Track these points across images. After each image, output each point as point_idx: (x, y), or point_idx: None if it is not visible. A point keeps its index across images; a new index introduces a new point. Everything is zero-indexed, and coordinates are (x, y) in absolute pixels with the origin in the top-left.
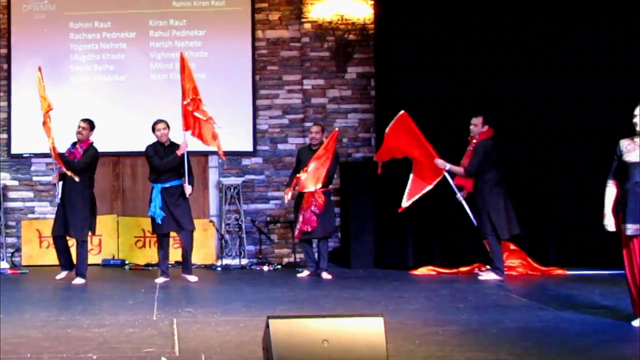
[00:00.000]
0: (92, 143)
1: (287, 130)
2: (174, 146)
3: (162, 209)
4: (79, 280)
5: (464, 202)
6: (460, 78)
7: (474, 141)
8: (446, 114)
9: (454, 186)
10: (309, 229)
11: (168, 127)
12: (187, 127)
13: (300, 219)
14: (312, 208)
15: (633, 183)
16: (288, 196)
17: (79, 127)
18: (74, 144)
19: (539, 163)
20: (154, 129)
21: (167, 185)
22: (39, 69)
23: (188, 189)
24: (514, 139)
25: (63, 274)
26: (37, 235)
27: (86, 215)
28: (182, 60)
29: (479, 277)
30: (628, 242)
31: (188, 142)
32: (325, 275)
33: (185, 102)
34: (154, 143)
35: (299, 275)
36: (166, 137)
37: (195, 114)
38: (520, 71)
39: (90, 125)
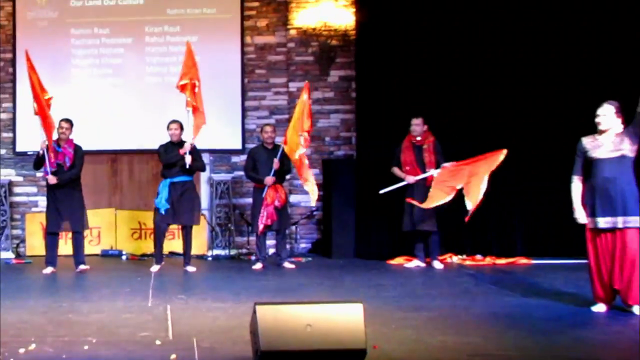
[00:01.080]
0: (73, 141)
1: (275, 129)
2: (183, 144)
3: (168, 201)
4: (83, 267)
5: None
6: (436, 81)
7: (429, 140)
8: (422, 115)
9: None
10: (270, 223)
11: (181, 127)
12: (188, 104)
13: (264, 214)
14: (276, 203)
15: (601, 179)
16: (270, 179)
17: (62, 127)
18: (57, 142)
19: (507, 160)
20: (168, 128)
21: (176, 180)
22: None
23: (188, 159)
24: (483, 136)
25: (50, 269)
26: (40, 227)
27: (83, 209)
28: (189, 49)
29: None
30: (593, 235)
31: (189, 143)
32: (288, 264)
33: (182, 83)
34: (166, 142)
35: (254, 267)
36: (177, 137)
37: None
38: (490, 72)
39: (71, 124)
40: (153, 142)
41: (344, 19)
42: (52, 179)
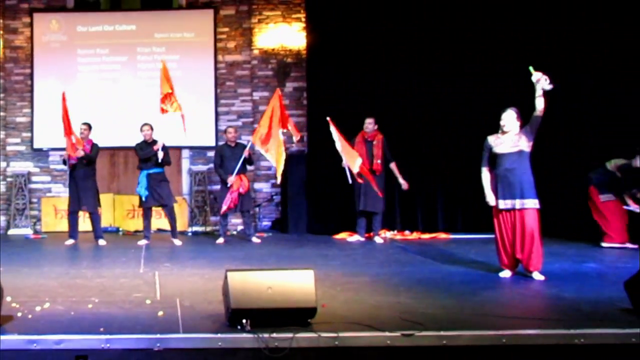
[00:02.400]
0: (92, 140)
1: (241, 130)
2: (154, 143)
3: (147, 189)
4: (102, 242)
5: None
6: (369, 90)
7: (379, 137)
8: (358, 118)
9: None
10: (232, 206)
11: (152, 128)
12: (163, 111)
13: (227, 198)
14: (240, 190)
15: (503, 169)
16: (232, 178)
17: (82, 129)
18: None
19: (434, 154)
20: (141, 130)
21: (151, 171)
22: (63, 95)
23: (160, 154)
24: (417, 133)
25: (71, 241)
26: (53, 209)
27: (96, 194)
28: (164, 67)
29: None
30: (498, 214)
31: (162, 141)
32: (255, 239)
33: (166, 92)
34: (140, 141)
35: (217, 241)
36: (149, 136)
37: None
38: (414, 87)
39: (89, 126)
40: None
41: (297, 41)
42: (74, 153)
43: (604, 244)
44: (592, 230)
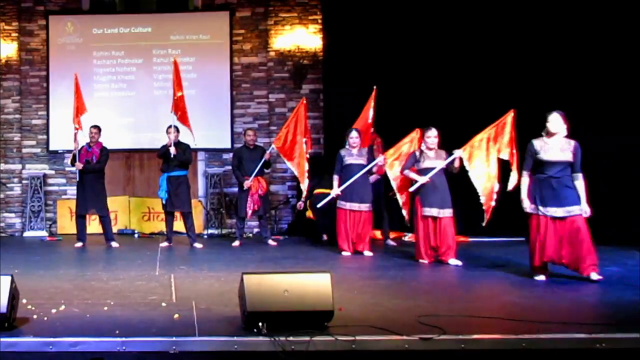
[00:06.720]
0: (102, 144)
1: (257, 133)
2: (179, 144)
3: (167, 192)
4: (115, 244)
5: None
6: (385, 92)
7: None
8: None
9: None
10: (256, 208)
11: (176, 131)
12: (175, 111)
13: (249, 201)
14: (259, 192)
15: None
16: (249, 181)
17: (91, 132)
18: (89, 144)
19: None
20: (167, 131)
21: (171, 174)
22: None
23: (172, 149)
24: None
25: (79, 244)
26: (69, 211)
27: (105, 196)
28: (175, 65)
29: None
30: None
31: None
32: (271, 242)
33: (178, 95)
34: (164, 144)
35: (233, 244)
36: (174, 138)
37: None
38: (432, 88)
39: (99, 129)
40: (159, 143)
41: (314, 43)
42: (79, 165)
43: None
44: (611, 233)
